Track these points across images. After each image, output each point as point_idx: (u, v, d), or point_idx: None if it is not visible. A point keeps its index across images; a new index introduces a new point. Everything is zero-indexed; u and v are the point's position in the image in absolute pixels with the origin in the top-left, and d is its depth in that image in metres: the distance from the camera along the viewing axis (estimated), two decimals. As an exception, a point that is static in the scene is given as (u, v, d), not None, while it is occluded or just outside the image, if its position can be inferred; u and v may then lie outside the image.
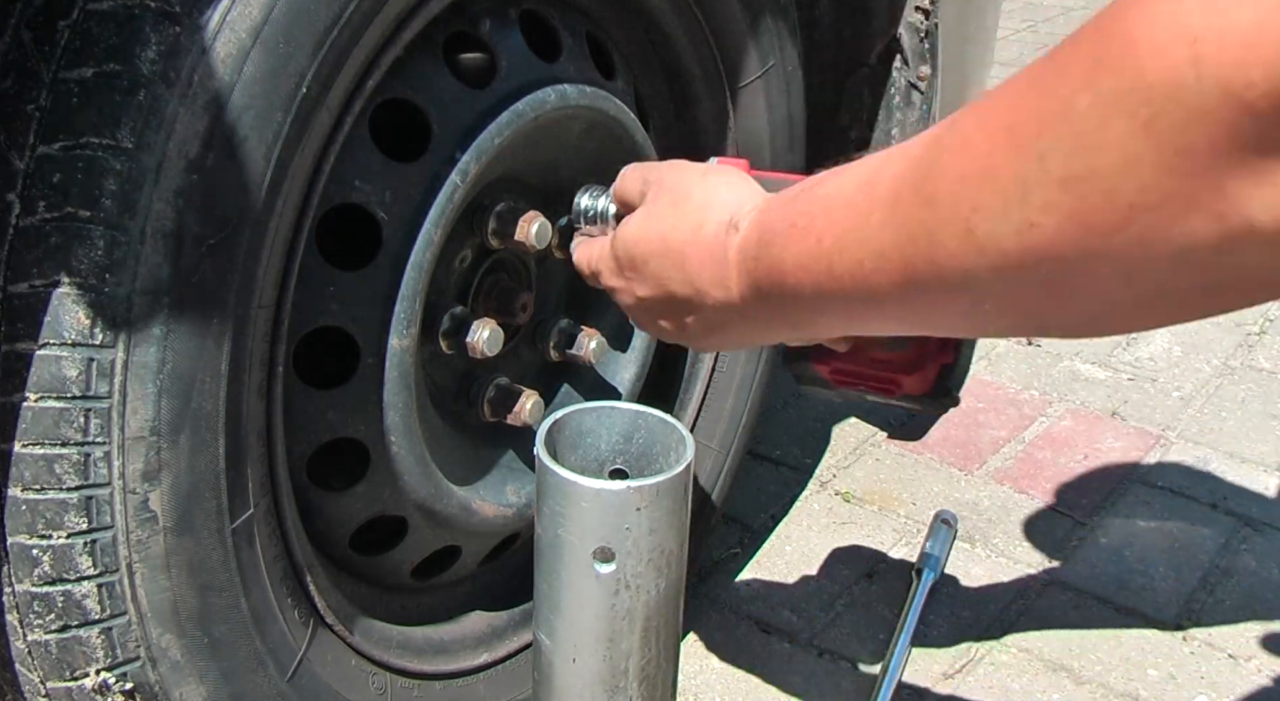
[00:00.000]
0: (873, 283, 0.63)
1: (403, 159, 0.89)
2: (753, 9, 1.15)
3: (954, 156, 0.56)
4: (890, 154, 0.64)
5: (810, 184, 0.70)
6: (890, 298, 0.64)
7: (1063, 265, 0.52)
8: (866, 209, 0.63)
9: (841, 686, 1.30)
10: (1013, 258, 0.54)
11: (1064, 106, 0.50)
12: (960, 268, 0.57)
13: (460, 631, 1.08)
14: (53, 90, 0.68)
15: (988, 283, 0.57)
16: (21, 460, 0.70)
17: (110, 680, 0.75)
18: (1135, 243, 0.49)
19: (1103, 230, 0.50)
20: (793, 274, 0.69)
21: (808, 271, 0.68)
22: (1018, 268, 0.54)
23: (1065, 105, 0.49)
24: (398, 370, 0.89)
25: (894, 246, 0.60)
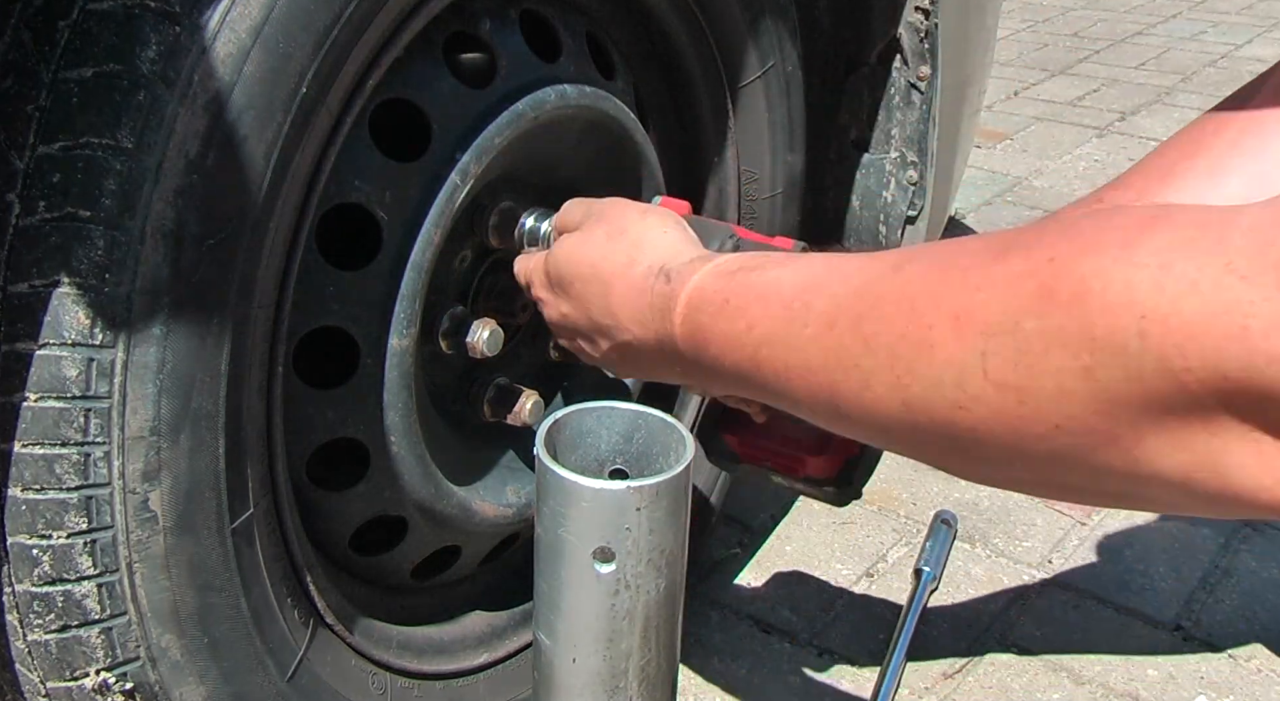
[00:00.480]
0: (795, 387, 0.67)
1: (403, 159, 0.89)
2: (753, 9, 1.15)
3: (896, 312, 0.60)
4: (831, 268, 0.67)
5: (749, 264, 0.74)
6: (807, 405, 0.68)
7: (980, 445, 0.57)
8: (801, 318, 0.66)
9: (841, 686, 1.30)
10: (937, 423, 0.58)
11: (1011, 321, 0.54)
12: (884, 413, 0.61)
13: (460, 631, 1.08)
14: (53, 90, 0.68)
15: (905, 430, 0.61)
16: (21, 460, 0.70)
17: (110, 680, 0.75)
18: (1052, 455, 0.55)
19: (1026, 436, 0.55)
20: (716, 346, 0.73)
21: (733, 351, 0.71)
22: (939, 430, 0.59)
23: (1012, 321, 0.54)
24: (398, 370, 0.89)
25: (823, 368, 0.64)
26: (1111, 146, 3.03)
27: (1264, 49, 3.97)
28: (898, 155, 1.32)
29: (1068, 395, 0.52)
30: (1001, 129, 3.14)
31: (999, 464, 0.58)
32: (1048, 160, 2.93)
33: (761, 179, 1.24)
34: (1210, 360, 0.47)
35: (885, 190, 1.34)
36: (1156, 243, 0.50)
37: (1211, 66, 3.78)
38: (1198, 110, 3.46)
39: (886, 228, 1.35)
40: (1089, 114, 3.28)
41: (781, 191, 1.27)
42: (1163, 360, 0.48)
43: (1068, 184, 2.77)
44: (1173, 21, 4.39)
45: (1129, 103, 3.39)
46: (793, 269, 0.70)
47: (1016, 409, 0.54)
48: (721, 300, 0.73)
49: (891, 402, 0.60)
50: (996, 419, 0.55)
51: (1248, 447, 0.49)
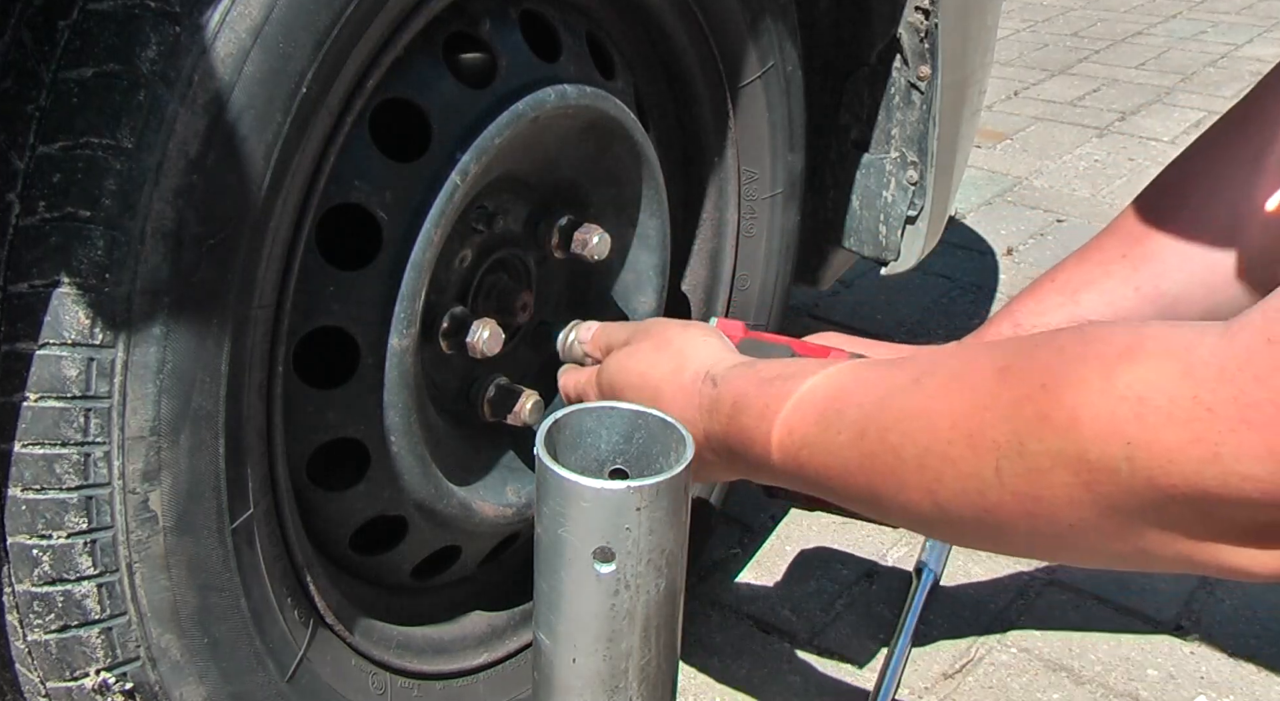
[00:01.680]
0: (836, 486, 0.75)
1: (403, 159, 0.89)
2: (753, 9, 1.14)
3: (919, 427, 0.68)
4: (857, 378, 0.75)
5: (785, 373, 0.81)
6: (850, 500, 0.76)
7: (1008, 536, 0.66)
8: (835, 426, 0.74)
9: (841, 686, 1.30)
10: (968, 520, 0.66)
11: (1018, 443, 0.62)
12: (921, 511, 0.69)
13: (460, 631, 1.08)
14: (53, 90, 0.68)
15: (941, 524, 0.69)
16: (21, 460, 0.70)
17: (110, 680, 0.75)
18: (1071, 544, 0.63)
19: (1046, 533, 0.63)
20: (760, 446, 0.79)
21: (777, 452, 0.78)
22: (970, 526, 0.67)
23: (1019, 442, 0.62)
24: (398, 370, 0.89)
25: (860, 471, 0.72)
26: (1111, 146, 3.03)
27: (1264, 49, 3.97)
28: (898, 155, 1.32)
29: (1075, 503, 0.60)
30: (1001, 129, 3.14)
31: (1027, 548, 0.67)
32: (1048, 160, 2.93)
33: (762, 179, 1.24)
34: (1191, 480, 0.55)
35: (885, 190, 1.34)
36: (1132, 376, 0.57)
37: (1211, 66, 3.78)
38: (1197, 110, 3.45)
39: (886, 228, 1.35)
40: (1089, 114, 3.28)
41: (781, 191, 1.27)
42: (1150, 480, 0.56)
43: (1068, 184, 2.77)
44: (1173, 21, 4.39)
45: (1129, 103, 3.39)
46: (824, 377, 0.77)
47: (1033, 513, 0.62)
48: (762, 404, 0.79)
49: (926, 504, 0.67)
50: (1019, 519, 0.63)
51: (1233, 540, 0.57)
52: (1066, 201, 2.67)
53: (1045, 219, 2.58)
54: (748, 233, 1.26)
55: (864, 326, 2.08)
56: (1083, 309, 0.98)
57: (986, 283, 2.27)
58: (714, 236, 1.26)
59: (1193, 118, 3.24)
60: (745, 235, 1.26)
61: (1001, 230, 2.51)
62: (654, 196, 1.11)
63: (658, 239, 1.13)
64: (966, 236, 2.46)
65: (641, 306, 1.16)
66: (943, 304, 2.18)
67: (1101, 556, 0.64)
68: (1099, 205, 2.63)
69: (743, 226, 1.26)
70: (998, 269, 2.33)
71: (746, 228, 1.26)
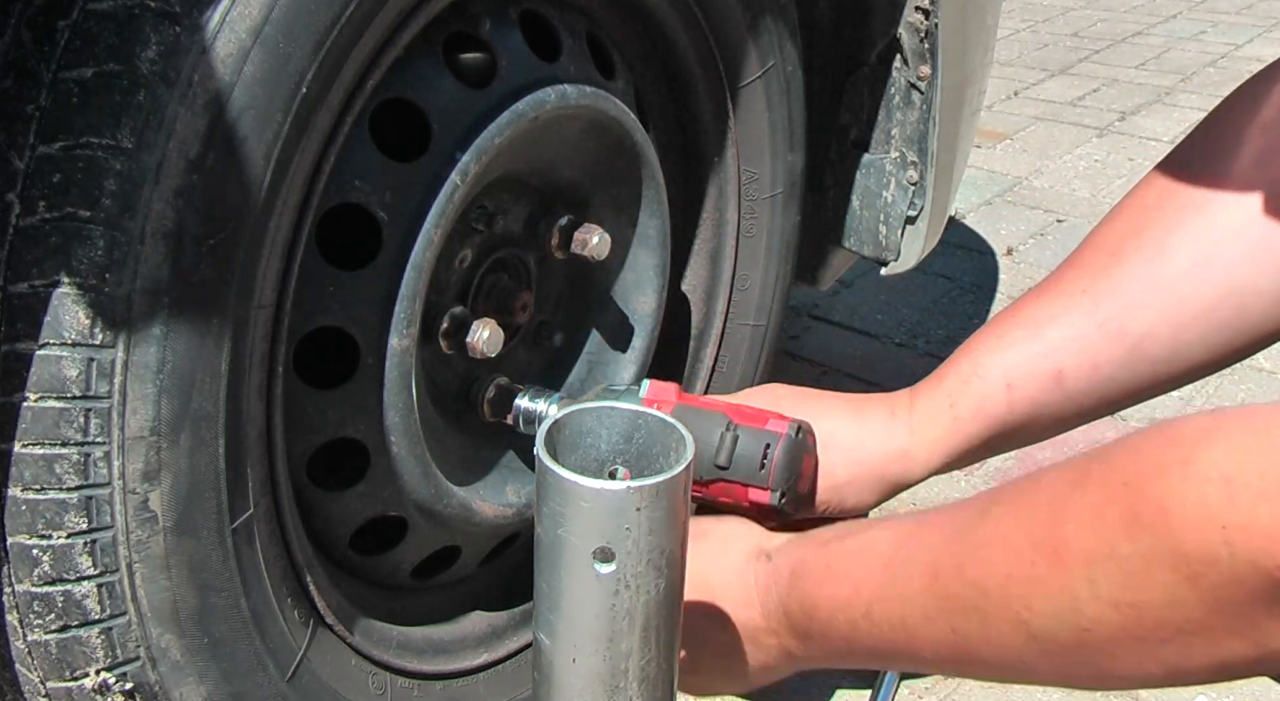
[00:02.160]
0: (915, 638, 0.70)
1: (403, 159, 0.89)
2: (753, 9, 1.14)
3: (996, 554, 0.64)
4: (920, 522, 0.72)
5: (842, 532, 0.78)
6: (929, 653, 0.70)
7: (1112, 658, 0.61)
8: (905, 574, 0.70)
9: (841, 686, 1.30)
10: (1066, 648, 0.62)
11: (1108, 548, 0.58)
12: (1012, 648, 0.64)
13: (460, 631, 1.08)
14: (53, 90, 0.68)
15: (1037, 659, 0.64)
16: (21, 460, 0.70)
17: (110, 680, 0.75)
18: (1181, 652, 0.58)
19: (1153, 642, 0.59)
20: (825, 610, 0.76)
21: (843, 612, 0.74)
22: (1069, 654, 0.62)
23: (1109, 547, 0.58)
24: (398, 370, 0.89)
25: (940, 614, 0.67)
26: (1111, 146, 3.03)
27: (1264, 49, 3.97)
28: (898, 155, 1.32)
29: (1180, 603, 0.56)
30: (1001, 129, 3.14)
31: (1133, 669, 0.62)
32: (1048, 160, 2.93)
33: (761, 178, 1.24)
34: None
35: (885, 190, 1.34)
36: (1214, 456, 0.55)
37: (1211, 66, 3.78)
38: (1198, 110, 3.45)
39: (886, 228, 1.35)
40: (1089, 114, 3.28)
41: (781, 191, 1.27)
42: (1254, 563, 0.53)
43: (1068, 184, 2.77)
44: (1173, 21, 4.39)
45: (1129, 103, 3.39)
46: (884, 527, 0.74)
47: (1137, 622, 0.58)
48: (824, 566, 0.76)
49: (1017, 638, 0.63)
50: (1122, 633, 0.59)
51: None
52: (1066, 201, 2.67)
53: (1045, 219, 2.58)
54: (748, 232, 1.26)
55: (864, 326, 2.08)
56: (1047, 344, 0.93)
57: (986, 283, 2.27)
58: (714, 236, 1.26)
59: (1192, 118, 3.24)
60: (745, 235, 1.26)
61: (1001, 230, 2.51)
62: (654, 196, 1.11)
63: (658, 239, 1.13)
64: (966, 236, 2.46)
65: (641, 306, 1.16)
66: (943, 304, 2.18)
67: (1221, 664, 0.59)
68: (1099, 205, 2.63)
69: (743, 226, 1.26)
70: (998, 269, 2.33)
71: (746, 227, 1.26)
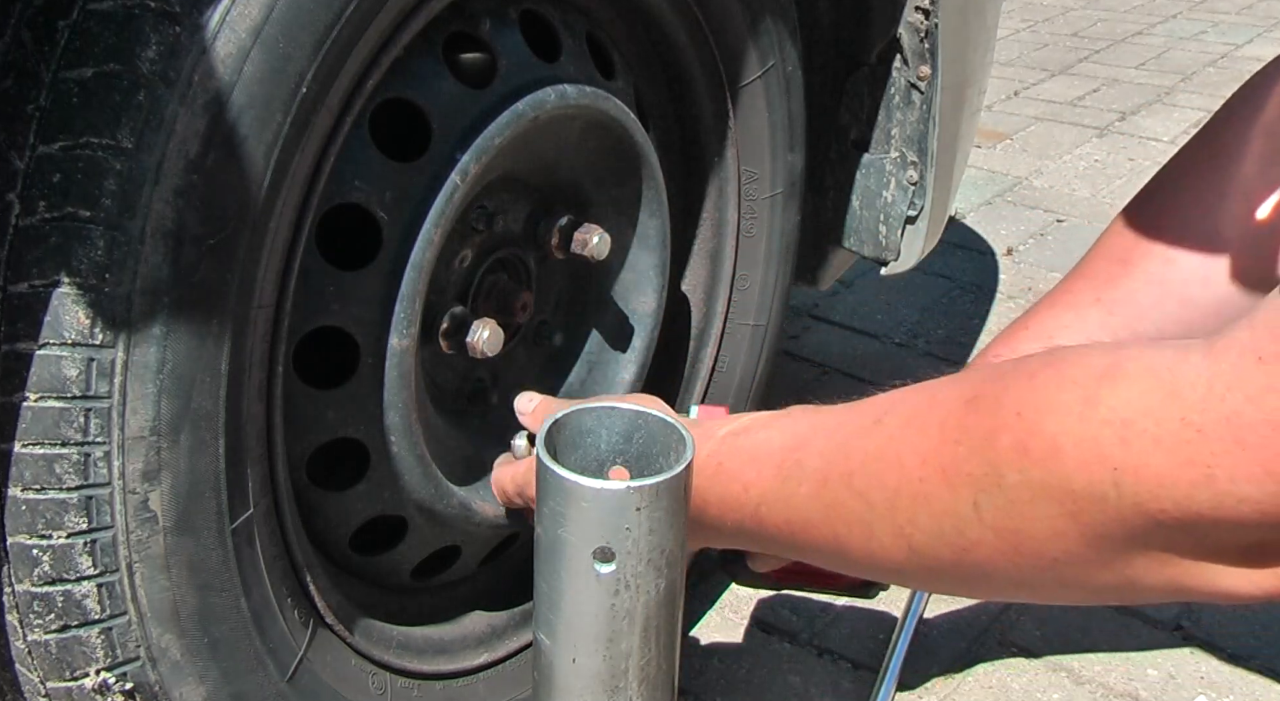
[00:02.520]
0: (799, 540, 0.71)
1: (403, 159, 0.89)
2: (753, 9, 1.15)
3: (885, 468, 0.64)
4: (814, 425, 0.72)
5: (736, 429, 0.78)
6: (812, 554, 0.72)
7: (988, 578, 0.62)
8: (795, 477, 0.70)
9: (841, 686, 1.30)
10: (945, 564, 0.63)
11: (995, 475, 0.59)
12: (892, 559, 0.65)
13: (460, 631, 1.08)
14: (53, 90, 0.68)
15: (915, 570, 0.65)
16: (21, 460, 0.70)
17: (110, 680, 0.75)
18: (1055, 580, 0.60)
19: (1028, 569, 0.60)
20: (716, 509, 0.76)
21: (732, 511, 0.75)
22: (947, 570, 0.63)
23: (996, 474, 0.58)
24: (398, 370, 0.89)
25: (824, 522, 0.68)
26: (1111, 146, 3.03)
27: (1264, 49, 3.97)
28: (898, 155, 1.32)
29: (1060, 535, 0.57)
30: (1001, 129, 3.14)
31: (1007, 590, 0.64)
32: (1048, 160, 2.93)
33: (761, 178, 1.24)
34: (1182, 503, 0.53)
35: (885, 190, 1.34)
36: (1115, 399, 0.55)
37: (1211, 66, 3.78)
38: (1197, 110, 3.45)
39: (886, 228, 1.35)
40: (1089, 114, 3.28)
41: (781, 191, 1.27)
42: (1139, 505, 0.54)
43: (1067, 184, 2.77)
44: (1173, 21, 4.39)
45: (1129, 103, 3.39)
46: (779, 428, 0.74)
47: (1016, 548, 0.59)
48: (715, 464, 0.76)
49: (898, 550, 0.64)
50: (1000, 556, 0.60)
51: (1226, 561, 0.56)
52: (1066, 201, 2.67)
53: (1045, 219, 2.58)
54: (748, 232, 1.26)
55: (864, 326, 2.08)
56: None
57: (986, 283, 2.27)
58: (714, 236, 1.26)
59: (1193, 118, 3.24)
60: (745, 235, 1.26)
61: (1001, 230, 2.51)
62: (654, 196, 1.11)
63: (658, 239, 1.13)
64: (966, 236, 2.46)
65: (641, 306, 1.16)
66: (943, 304, 2.18)
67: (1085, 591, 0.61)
68: (1099, 205, 2.63)
69: (743, 226, 1.26)
70: (998, 269, 2.33)
71: (746, 227, 1.26)
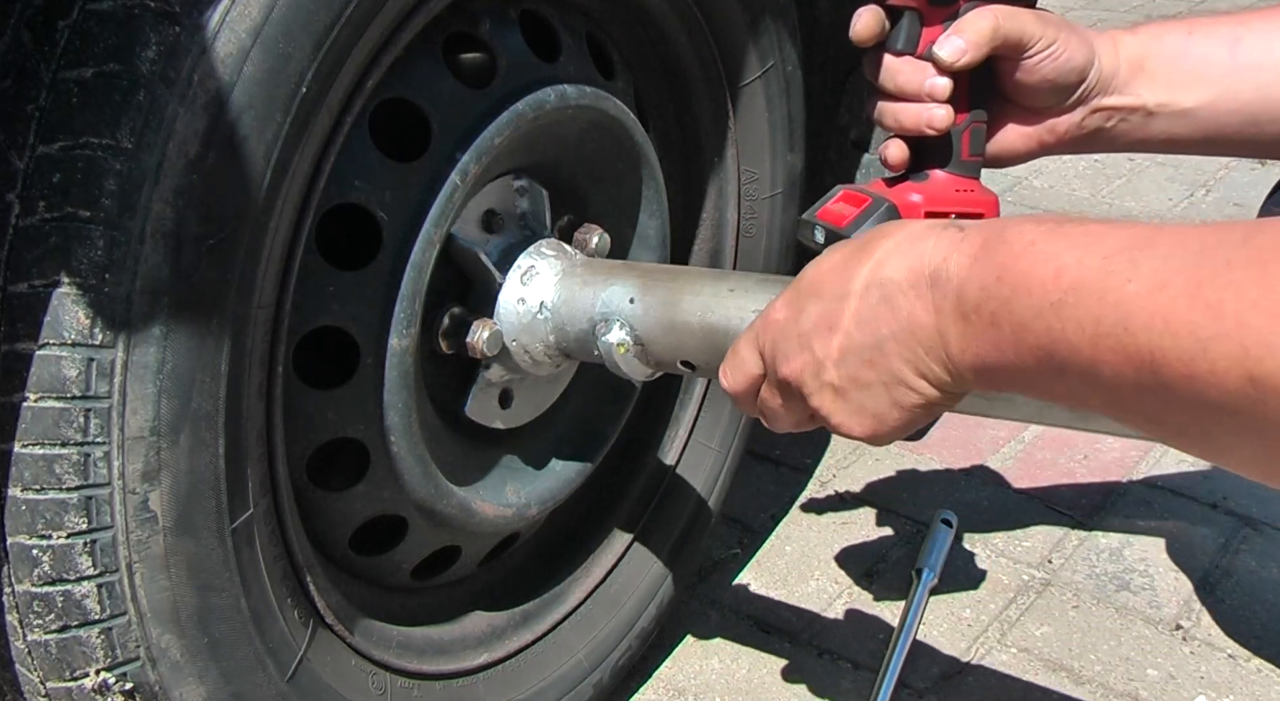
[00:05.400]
0: (1101, 347, 0.59)
1: (403, 159, 0.89)
2: (753, 9, 1.15)
3: (1246, 278, 0.54)
4: (1161, 231, 0.60)
5: (1065, 218, 0.65)
6: (1110, 371, 0.59)
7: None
8: (1124, 273, 0.59)
9: (841, 686, 1.30)
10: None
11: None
12: (1220, 387, 0.55)
13: (460, 631, 1.08)
14: (53, 90, 0.68)
15: (1245, 407, 0.54)
16: (21, 460, 0.70)
17: (110, 680, 0.75)
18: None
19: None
20: (1010, 286, 0.64)
21: (1029, 297, 0.62)
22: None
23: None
24: (398, 370, 0.89)
25: (1145, 329, 0.57)
26: (1111, 146, 3.03)
27: (1264, 49, 3.96)
28: (898, 155, 1.32)
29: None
30: (1001, 129, 3.14)
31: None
32: (1048, 160, 2.93)
33: (761, 178, 1.24)
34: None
35: (885, 190, 1.34)
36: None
37: (1211, 66, 3.77)
38: (1198, 110, 3.36)
39: (886, 228, 1.35)
40: (1089, 114, 3.27)
41: (781, 191, 1.27)
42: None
43: (1067, 184, 2.77)
44: (1173, 21, 4.38)
45: (1129, 103, 3.38)
46: (1116, 226, 0.63)
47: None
48: (1028, 242, 0.64)
49: (1232, 376, 0.54)
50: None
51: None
52: (1066, 201, 2.66)
53: (1045, 219, 2.57)
54: (747, 232, 1.26)
55: (864, 326, 2.07)
56: (1234, 20, 0.95)
57: (986, 283, 2.27)
58: (714, 236, 1.26)
59: (1193, 118, 3.23)
60: (745, 235, 1.26)
61: (1001, 230, 2.51)
62: (654, 196, 1.11)
63: (658, 239, 1.13)
64: (966, 236, 2.46)
65: (641, 306, 1.16)
66: (943, 304, 2.18)
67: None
68: (1099, 205, 2.63)
69: (743, 226, 1.26)
70: (998, 269, 2.33)
71: (746, 227, 1.26)
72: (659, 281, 0.94)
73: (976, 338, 0.66)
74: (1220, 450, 0.59)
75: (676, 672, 1.32)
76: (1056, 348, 0.61)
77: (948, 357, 0.69)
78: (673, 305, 0.92)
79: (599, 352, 0.96)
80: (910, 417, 0.74)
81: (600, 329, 0.95)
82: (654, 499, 1.27)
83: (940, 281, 0.68)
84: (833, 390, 0.75)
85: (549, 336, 0.99)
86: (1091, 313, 0.59)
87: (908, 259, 0.70)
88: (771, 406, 0.81)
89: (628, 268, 0.99)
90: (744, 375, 0.82)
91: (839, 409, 0.75)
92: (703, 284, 0.92)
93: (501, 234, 1.01)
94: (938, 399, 0.72)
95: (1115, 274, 0.59)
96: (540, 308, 0.99)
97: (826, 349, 0.74)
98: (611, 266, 1.00)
